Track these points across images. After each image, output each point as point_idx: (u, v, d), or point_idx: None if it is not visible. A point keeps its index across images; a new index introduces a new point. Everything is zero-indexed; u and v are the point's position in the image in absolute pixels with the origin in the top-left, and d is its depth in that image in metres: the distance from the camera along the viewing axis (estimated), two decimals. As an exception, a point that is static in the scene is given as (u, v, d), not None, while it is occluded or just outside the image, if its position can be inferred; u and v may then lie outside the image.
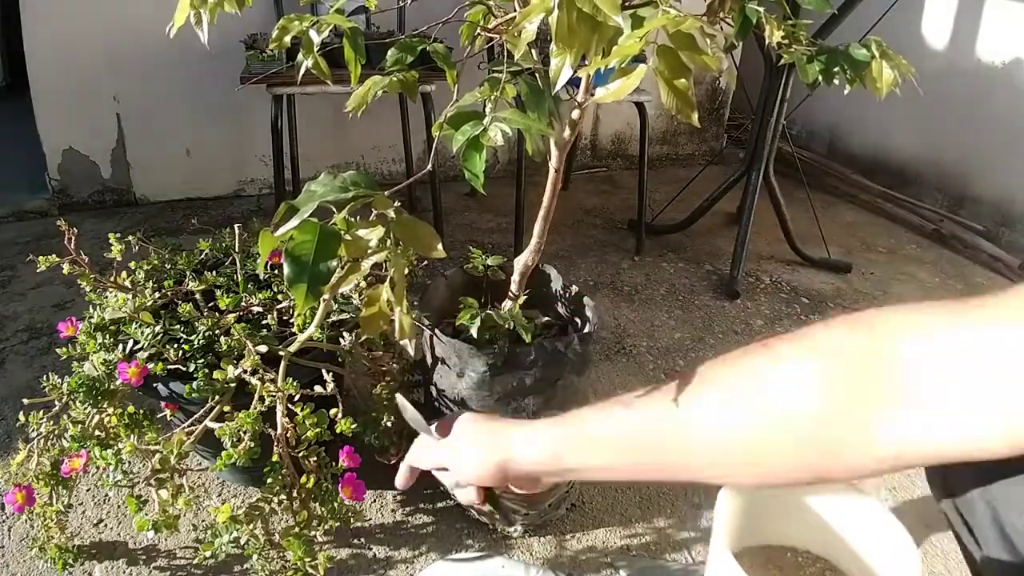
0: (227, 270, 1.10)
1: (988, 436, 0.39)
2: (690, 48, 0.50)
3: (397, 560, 1.03)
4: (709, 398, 0.50)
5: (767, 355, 0.49)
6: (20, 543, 1.01)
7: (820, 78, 0.92)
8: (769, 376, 0.47)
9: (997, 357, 0.38)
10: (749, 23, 0.81)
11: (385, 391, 1.01)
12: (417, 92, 0.88)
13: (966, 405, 0.39)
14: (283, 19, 0.77)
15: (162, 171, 2.23)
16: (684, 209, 2.19)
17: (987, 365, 0.39)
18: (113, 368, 0.90)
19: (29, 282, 1.74)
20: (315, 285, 0.50)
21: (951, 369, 0.40)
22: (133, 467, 0.90)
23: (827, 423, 0.44)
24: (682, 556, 1.06)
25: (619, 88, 0.52)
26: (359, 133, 2.34)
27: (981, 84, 2.24)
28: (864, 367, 0.43)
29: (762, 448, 0.47)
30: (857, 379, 0.43)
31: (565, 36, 0.49)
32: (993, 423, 0.39)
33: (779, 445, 0.47)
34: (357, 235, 0.54)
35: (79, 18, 1.95)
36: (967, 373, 0.39)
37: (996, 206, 2.24)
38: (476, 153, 0.66)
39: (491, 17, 0.82)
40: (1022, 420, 0.38)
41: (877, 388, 0.42)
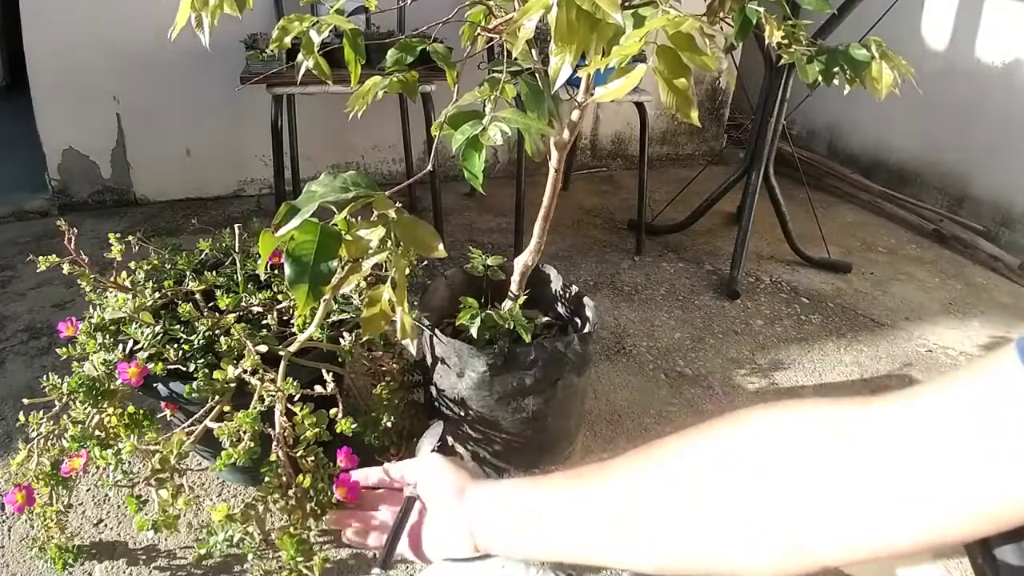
0: (227, 270, 1.10)
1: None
2: (690, 48, 0.50)
3: (397, 560, 1.02)
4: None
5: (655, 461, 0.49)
6: (20, 543, 1.01)
7: (820, 78, 0.92)
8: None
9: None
10: (749, 23, 0.81)
11: (385, 391, 1.01)
12: (417, 92, 0.88)
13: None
14: (283, 20, 0.77)
15: (162, 171, 2.23)
16: (684, 209, 2.19)
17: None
18: (113, 368, 0.90)
19: (29, 282, 1.74)
20: (316, 285, 0.50)
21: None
22: (133, 467, 0.90)
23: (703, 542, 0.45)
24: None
25: (619, 88, 0.52)
26: (359, 133, 2.34)
27: (981, 84, 2.24)
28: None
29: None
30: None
31: (564, 34, 0.49)
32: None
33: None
34: (358, 235, 0.54)
35: (79, 18, 1.95)
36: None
37: (996, 206, 2.25)
38: (475, 153, 0.66)
39: (491, 17, 0.82)
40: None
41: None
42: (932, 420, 0.38)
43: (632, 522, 0.48)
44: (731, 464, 0.45)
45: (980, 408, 0.36)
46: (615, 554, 0.51)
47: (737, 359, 1.58)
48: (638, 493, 0.49)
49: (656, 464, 0.49)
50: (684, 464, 0.47)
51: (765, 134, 1.87)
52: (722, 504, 0.44)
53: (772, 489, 0.42)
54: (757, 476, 0.43)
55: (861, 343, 1.68)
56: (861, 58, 0.87)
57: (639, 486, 0.49)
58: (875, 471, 0.39)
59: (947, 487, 0.37)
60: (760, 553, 0.43)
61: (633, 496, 0.49)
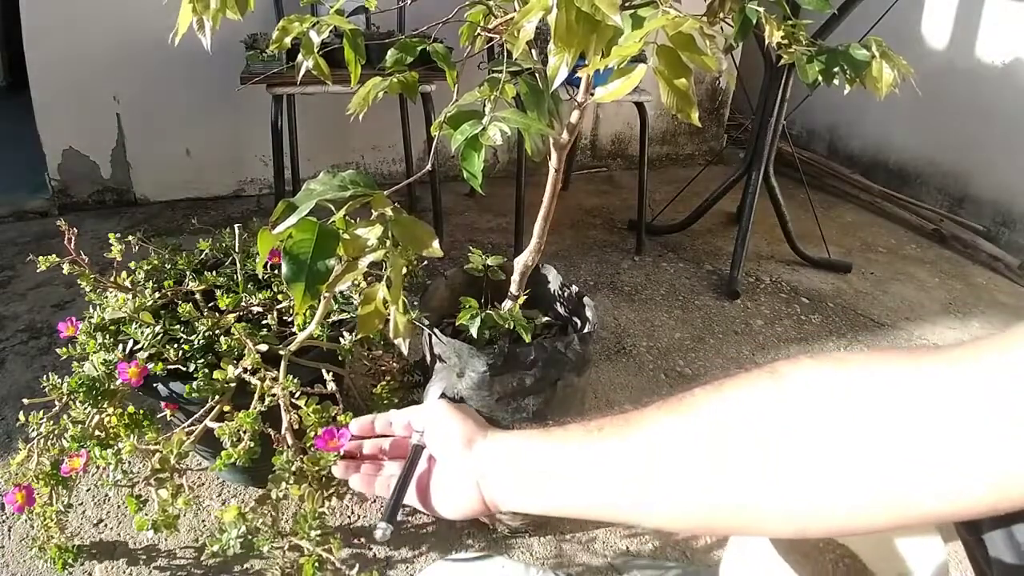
0: (227, 270, 1.10)
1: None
2: (690, 48, 0.50)
3: (397, 560, 1.03)
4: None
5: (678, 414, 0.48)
6: (20, 543, 1.01)
7: (820, 78, 0.92)
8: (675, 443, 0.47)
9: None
10: (749, 23, 0.81)
11: (385, 391, 1.01)
12: (417, 92, 0.88)
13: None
14: (283, 20, 0.77)
15: (162, 171, 2.23)
16: (684, 209, 2.19)
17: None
18: (113, 368, 0.90)
19: (29, 282, 1.74)
20: (313, 284, 0.50)
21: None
22: (133, 467, 0.90)
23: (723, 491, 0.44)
24: (682, 556, 1.06)
25: (619, 88, 0.52)
26: (359, 133, 2.34)
27: (981, 84, 2.24)
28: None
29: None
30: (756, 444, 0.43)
31: (564, 35, 0.49)
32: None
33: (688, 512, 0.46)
34: (355, 234, 0.54)
35: (79, 18, 1.95)
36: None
37: (996, 206, 2.25)
38: (475, 153, 0.66)
39: (491, 17, 0.82)
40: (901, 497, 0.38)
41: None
42: (993, 386, 0.36)
43: (651, 481, 0.47)
44: (759, 420, 0.43)
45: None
46: (630, 512, 0.49)
47: (737, 359, 1.58)
48: (659, 451, 0.47)
49: (681, 419, 0.47)
50: (709, 419, 0.46)
51: (765, 134, 1.87)
52: (746, 462, 0.43)
53: (801, 448, 0.41)
54: (785, 434, 0.41)
55: (861, 343, 1.68)
56: (861, 58, 0.87)
57: (661, 443, 0.47)
58: (922, 434, 0.37)
59: (996, 457, 0.35)
60: (783, 513, 0.42)
61: (653, 454, 0.47)
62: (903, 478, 0.38)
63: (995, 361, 0.36)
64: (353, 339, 0.97)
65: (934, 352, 0.39)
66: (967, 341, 0.39)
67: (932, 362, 0.38)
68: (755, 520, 0.44)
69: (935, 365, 0.38)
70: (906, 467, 0.38)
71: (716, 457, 0.44)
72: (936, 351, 0.39)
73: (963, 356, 0.38)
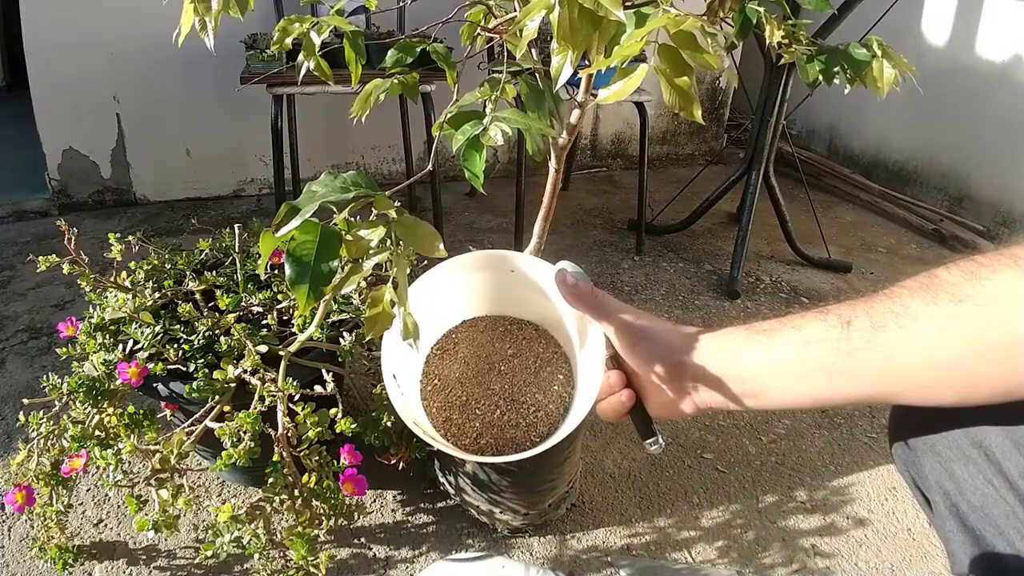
0: (227, 270, 1.10)
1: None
2: (691, 47, 0.50)
3: (397, 560, 1.02)
4: (916, 326, 0.48)
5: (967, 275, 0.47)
6: (20, 543, 1.01)
7: (820, 78, 0.92)
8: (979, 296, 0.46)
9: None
10: (749, 23, 0.81)
11: (385, 391, 1.00)
12: (418, 93, 0.88)
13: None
14: (283, 20, 0.77)
15: (162, 171, 2.23)
16: (684, 209, 2.19)
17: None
18: (113, 368, 0.90)
19: (29, 282, 1.74)
20: (317, 285, 0.50)
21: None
22: (133, 467, 0.90)
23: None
24: (682, 556, 1.06)
25: (621, 88, 0.52)
26: (359, 133, 2.34)
27: (981, 83, 2.24)
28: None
29: (971, 372, 0.46)
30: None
31: (567, 33, 0.49)
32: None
33: (989, 367, 0.45)
34: (358, 235, 0.54)
35: (79, 18, 1.95)
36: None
37: (996, 206, 2.25)
38: (476, 153, 0.66)
39: (491, 17, 0.82)
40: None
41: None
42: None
43: (883, 329, 0.48)
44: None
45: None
46: (865, 383, 0.50)
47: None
48: (887, 306, 0.48)
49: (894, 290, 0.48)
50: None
51: (765, 134, 1.87)
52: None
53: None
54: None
55: (861, 343, 1.68)
56: (861, 57, 0.87)
57: (887, 303, 0.48)
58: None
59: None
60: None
61: (877, 311, 0.48)
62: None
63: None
64: (355, 340, 0.97)
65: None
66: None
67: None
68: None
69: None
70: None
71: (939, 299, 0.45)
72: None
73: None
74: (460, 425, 0.69)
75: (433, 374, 0.72)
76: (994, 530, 0.50)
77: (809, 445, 1.31)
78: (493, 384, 0.71)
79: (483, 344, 0.74)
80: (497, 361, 0.73)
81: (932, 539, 1.10)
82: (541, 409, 0.70)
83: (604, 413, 0.62)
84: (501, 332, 0.75)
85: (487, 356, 0.73)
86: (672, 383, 0.58)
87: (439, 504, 1.12)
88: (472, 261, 0.72)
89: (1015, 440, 0.49)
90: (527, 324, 0.75)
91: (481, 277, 0.73)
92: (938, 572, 1.05)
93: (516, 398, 0.70)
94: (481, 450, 0.68)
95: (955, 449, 0.52)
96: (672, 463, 1.25)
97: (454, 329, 0.75)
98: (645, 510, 1.14)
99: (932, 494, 0.55)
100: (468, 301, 0.75)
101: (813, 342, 0.51)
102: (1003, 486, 0.49)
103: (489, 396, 0.71)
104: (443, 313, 0.74)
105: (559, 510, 1.10)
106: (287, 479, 0.86)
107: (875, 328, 0.48)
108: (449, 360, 0.73)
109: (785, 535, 1.11)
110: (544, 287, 0.70)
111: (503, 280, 0.73)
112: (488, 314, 0.76)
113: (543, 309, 0.72)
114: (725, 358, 0.56)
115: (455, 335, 0.74)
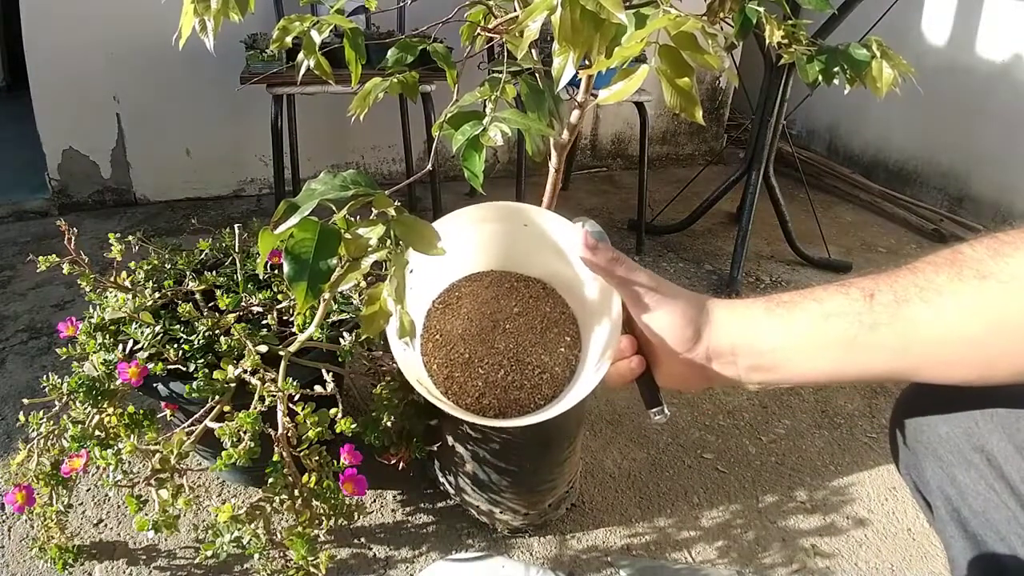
0: (227, 270, 1.10)
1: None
2: (692, 47, 0.50)
3: (397, 560, 1.02)
4: (941, 301, 0.47)
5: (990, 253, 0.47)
6: (20, 543, 1.01)
7: (820, 78, 0.92)
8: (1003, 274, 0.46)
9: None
10: (749, 23, 0.81)
11: (385, 391, 1.01)
12: (417, 92, 0.88)
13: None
14: (284, 20, 0.77)
15: (162, 171, 2.23)
16: (684, 209, 2.19)
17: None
18: (113, 368, 0.90)
19: (29, 282, 1.74)
20: (315, 283, 0.50)
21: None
22: (133, 467, 0.90)
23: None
24: (682, 556, 1.06)
25: (622, 89, 0.52)
26: (359, 133, 2.34)
27: (981, 83, 2.24)
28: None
29: (995, 350, 0.46)
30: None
31: (569, 34, 0.49)
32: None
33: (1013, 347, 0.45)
34: (357, 233, 0.54)
35: (79, 18, 1.95)
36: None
37: (996, 205, 2.25)
38: (476, 153, 0.66)
39: (491, 17, 0.82)
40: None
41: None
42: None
43: (907, 304, 0.47)
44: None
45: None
46: (887, 359, 0.49)
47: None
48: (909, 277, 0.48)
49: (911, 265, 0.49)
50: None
51: (765, 134, 1.87)
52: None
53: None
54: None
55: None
56: (861, 58, 0.87)
57: (906, 275, 0.48)
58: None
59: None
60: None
61: (896, 283, 0.48)
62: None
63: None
64: (353, 339, 0.97)
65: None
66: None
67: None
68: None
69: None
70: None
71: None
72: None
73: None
74: (462, 383, 0.67)
75: (434, 329, 0.70)
76: (995, 535, 0.49)
77: (809, 445, 1.31)
78: (497, 343, 0.69)
79: (488, 300, 0.71)
80: (502, 319, 0.70)
81: (932, 539, 1.10)
82: (547, 371, 0.68)
83: (612, 379, 0.61)
84: (507, 289, 0.72)
85: (491, 313, 0.70)
86: (687, 353, 0.56)
87: (439, 504, 1.12)
88: (483, 212, 0.69)
89: (1017, 444, 0.49)
90: (535, 281, 0.73)
91: (491, 229, 0.71)
92: (938, 572, 1.05)
93: (521, 358, 0.68)
94: (483, 410, 0.66)
95: (957, 453, 0.52)
96: (672, 463, 1.25)
97: (457, 283, 0.72)
98: (645, 510, 1.14)
99: (933, 498, 0.55)
100: (474, 254, 0.72)
101: (835, 315, 0.50)
102: (1005, 491, 0.49)
103: (493, 355, 0.68)
104: (446, 265, 0.71)
105: (559, 510, 1.10)
106: (287, 479, 0.86)
107: (899, 302, 0.48)
108: (451, 315, 0.70)
109: (785, 535, 1.11)
110: (560, 243, 0.68)
111: (515, 234, 0.70)
112: (494, 269, 0.73)
113: (554, 267, 0.70)
114: (743, 331, 0.54)
115: (458, 289, 0.72)
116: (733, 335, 0.55)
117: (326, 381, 0.94)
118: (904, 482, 0.59)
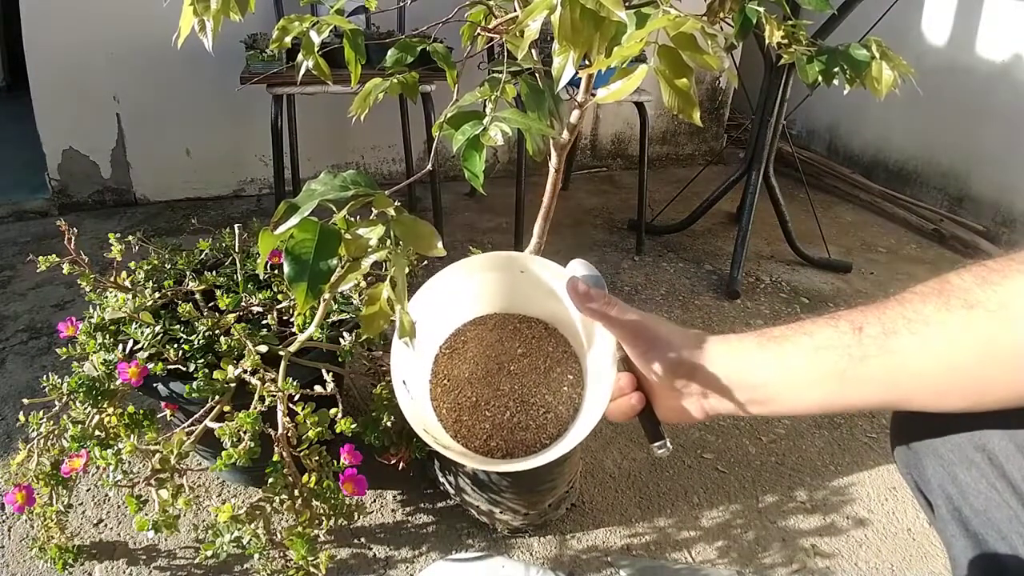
0: (227, 270, 1.10)
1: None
2: (691, 48, 0.50)
3: (397, 560, 1.02)
4: (927, 332, 0.48)
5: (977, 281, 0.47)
6: (20, 543, 1.01)
7: (820, 78, 0.92)
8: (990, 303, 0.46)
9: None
10: (749, 23, 0.81)
11: (385, 391, 1.01)
12: (417, 93, 0.88)
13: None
14: (283, 20, 0.77)
15: (162, 171, 2.23)
16: (684, 209, 2.19)
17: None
18: (113, 368, 0.90)
19: (29, 282, 1.74)
20: (315, 283, 0.50)
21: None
22: (133, 467, 0.90)
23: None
24: (682, 556, 1.06)
25: (621, 88, 0.52)
26: (359, 133, 2.34)
27: (981, 83, 2.24)
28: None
29: (984, 382, 0.46)
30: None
31: (568, 34, 0.49)
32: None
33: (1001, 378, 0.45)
34: (357, 234, 0.54)
35: (79, 18, 1.95)
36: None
37: (996, 206, 2.25)
38: (476, 153, 0.66)
39: (491, 17, 0.82)
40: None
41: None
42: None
43: (895, 335, 0.47)
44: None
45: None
46: (881, 391, 0.50)
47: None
48: (896, 313, 0.48)
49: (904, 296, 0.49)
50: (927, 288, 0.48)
51: (765, 134, 1.87)
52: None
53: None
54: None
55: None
56: (861, 58, 0.87)
57: (895, 310, 0.48)
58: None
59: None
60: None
61: (888, 319, 0.48)
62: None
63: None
64: (355, 340, 0.97)
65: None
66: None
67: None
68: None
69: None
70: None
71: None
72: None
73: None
74: (471, 427, 0.69)
75: (442, 374, 0.72)
76: (996, 534, 0.49)
77: (809, 445, 1.31)
78: (503, 384, 0.71)
79: (492, 343, 0.73)
80: (507, 361, 0.72)
81: (932, 539, 1.10)
82: (551, 411, 0.69)
83: (613, 415, 0.62)
84: (511, 330, 0.74)
85: (496, 356, 0.72)
86: (683, 389, 0.58)
87: (439, 504, 1.12)
88: (480, 263, 0.72)
89: (1018, 444, 0.49)
90: (537, 322, 0.74)
91: (490, 278, 0.73)
92: (938, 572, 1.05)
93: (526, 399, 0.70)
94: (491, 452, 0.68)
95: (958, 452, 0.52)
96: (672, 463, 1.25)
97: (463, 328, 0.74)
98: (645, 510, 1.14)
99: (934, 497, 0.55)
100: (477, 300, 0.74)
101: (824, 348, 0.51)
102: (1006, 490, 0.49)
103: (499, 397, 0.70)
104: (451, 312, 0.73)
105: (559, 510, 1.10)
106: (287, 479, 0.86)
107: (887, 334, 0.48)
108: (458, 360, 0.72)
109: (785, 535, 1.11)
110: (555, 288, 0.70)
111: (513, 280, 0.73)
112: (498, 312, 0.75)
113: (553, 308, 0.72)
114: (737, 366, 0.55)
115: (464, 334, 0.74)
116: (727, 370, 0.56)
117: (326, 381, 0.94)
118: (905, 481, 0.60)
